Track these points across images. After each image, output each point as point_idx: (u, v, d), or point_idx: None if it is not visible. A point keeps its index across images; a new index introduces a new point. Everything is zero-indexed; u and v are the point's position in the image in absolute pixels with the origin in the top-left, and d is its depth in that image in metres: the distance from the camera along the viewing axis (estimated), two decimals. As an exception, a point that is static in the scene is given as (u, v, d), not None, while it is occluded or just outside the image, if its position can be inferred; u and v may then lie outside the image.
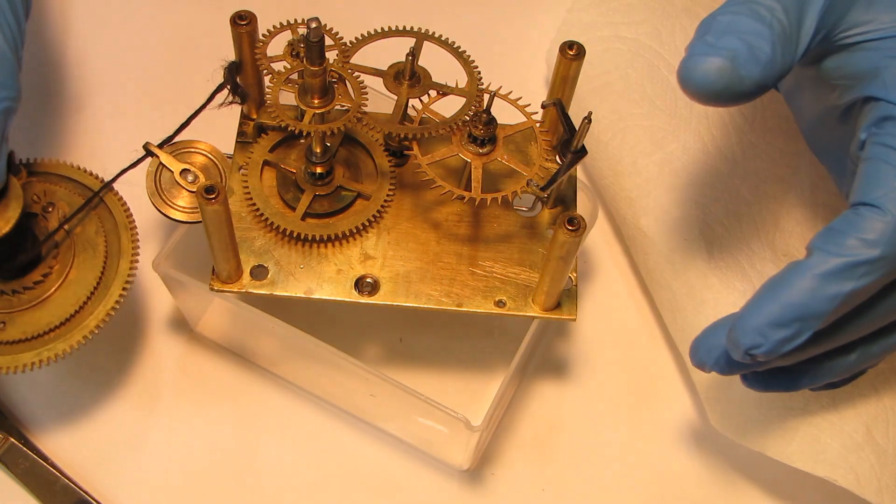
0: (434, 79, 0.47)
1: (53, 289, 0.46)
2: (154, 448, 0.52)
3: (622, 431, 0.54)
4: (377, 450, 0.53)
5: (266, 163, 0.48)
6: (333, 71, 0.44)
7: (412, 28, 0.47)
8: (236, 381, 0.54)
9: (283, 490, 0.51)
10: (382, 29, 0.47)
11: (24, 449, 0.50)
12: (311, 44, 0.40)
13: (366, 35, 0.47)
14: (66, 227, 0.46)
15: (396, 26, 0.47)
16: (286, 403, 0.53)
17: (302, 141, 0.49)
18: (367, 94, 0.44)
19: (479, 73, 0.47)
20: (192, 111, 0.46)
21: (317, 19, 0.39)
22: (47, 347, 0.45)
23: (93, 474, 0.50)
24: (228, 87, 0.46)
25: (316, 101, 0.43)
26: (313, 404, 0.53)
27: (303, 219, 0.46)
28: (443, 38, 0.47)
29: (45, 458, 0.50)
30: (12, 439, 0.50)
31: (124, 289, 0.46)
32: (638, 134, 0.56)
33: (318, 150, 0.46)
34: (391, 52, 0.47)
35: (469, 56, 0.47)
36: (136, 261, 0.47)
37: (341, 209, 0.47)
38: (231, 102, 0.47)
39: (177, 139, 0.47)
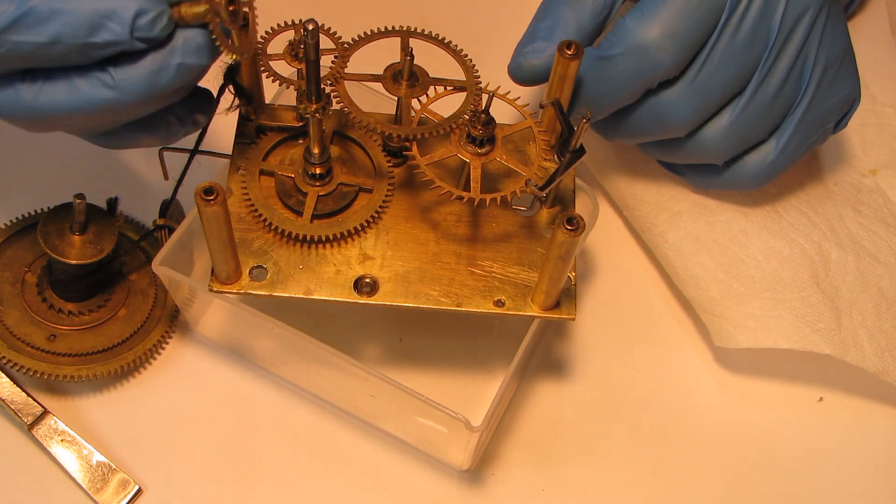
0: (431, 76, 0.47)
1: (104, 320, 0.52)
2: (153, 447, 0.52)
3: (622, 431, 0.54)
4: (377, 450, 0.53)
5: (262, 171, 0.48)
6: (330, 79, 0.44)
7: (396, 28, 0.47)
8: (236, 381, 0.54)
9: (282, 490, 0.51)
10: (366, 33, 0.47)
11: (60, 423, 0.51)
12: (308, 45, 0.40)
13: (356, 39, 0.47)
14: (123, 270, 0.54)
15: (381, 28, 0.47)
16: (286, 403, 0.53)
17: (300, 141, 0.49)
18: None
19: (473, 63, 0.47)
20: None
21: (313, 20, 0.39)
22: (87, 367, 0.51)
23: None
24: (232, 90, 0.46)
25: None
26: (313, 404, 0.53)
27: (311, 221, 0.46)
28: (431, 35, 0.47)
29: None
30: (50, 413, 0.51)
31: (162, 337, 0.53)
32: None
33: (317, 151, 0.46)
34: (389, 52, 0.47)
35: (459, 48, 0.47)
36: (178, 316, 0.54)
37: (345, 206, 0.47)
38: (238, 106, 0.47)
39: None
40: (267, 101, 0.49)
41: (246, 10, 0.40)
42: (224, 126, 0.49)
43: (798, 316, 0.54)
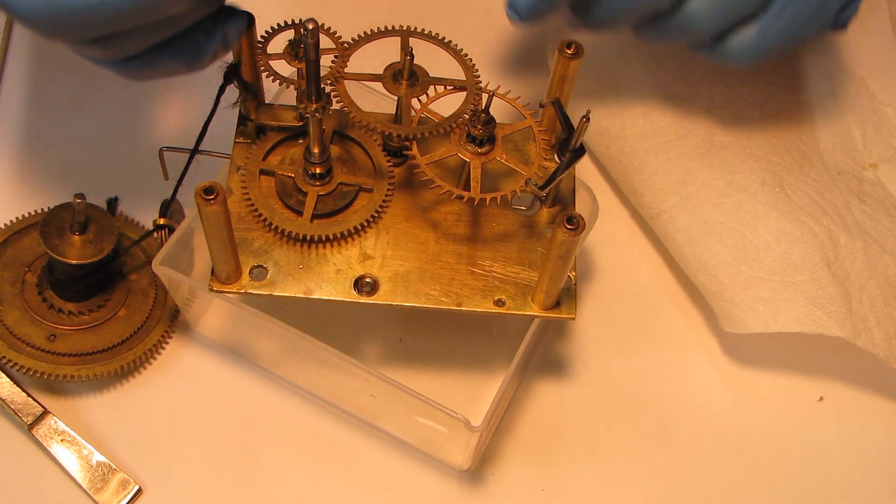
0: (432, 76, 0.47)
1: (104, 320, 0.52)
2: (153, 447, 0.52)
3: (623, 430, 0.54)
4: (377, 450, 0.53)
5: (262, 171, 0.48)
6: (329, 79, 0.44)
7: (396, 28, 0.47)
8: (236, 381, 0.54)
9: (282, 490, 0.51)
10: (366, 33, 0.47)
11: (60, 423, 0.51)
12: (308, 44, 0.40)
13: (356, 39, 0.47)
14: (123, 270, 0.54)
15: (381, 28, 0.47)
16: (286, 403, 0.53)
17: (300, 141, 0.49)
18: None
19: (473, 63, 0.47)
20: (195, 112, 0.46)
21: (313, 20, 0.39)
22: (87, 367, 0.51)
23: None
24: (237, 86, 0.47)
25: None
26: (313, 404, 0.53)
27: (311, 221, 0.46)
28: (431, 35, 0.47)
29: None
30: (50, 413, 0.51)
31: (162, 337, 0.53)
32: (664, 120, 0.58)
33: (317, 151, 0.46)
34: (389, 52, 0.47)
35: (459, 48, 0.47)
36: (178, 316, 0.54)
37: (345, 206, 0.47)
38: (245, 100, 0.47)
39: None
40: (267, 101, 0.50)
41: None
42: (224, 126, 0.49)
43: (809, 298, 0.54)
